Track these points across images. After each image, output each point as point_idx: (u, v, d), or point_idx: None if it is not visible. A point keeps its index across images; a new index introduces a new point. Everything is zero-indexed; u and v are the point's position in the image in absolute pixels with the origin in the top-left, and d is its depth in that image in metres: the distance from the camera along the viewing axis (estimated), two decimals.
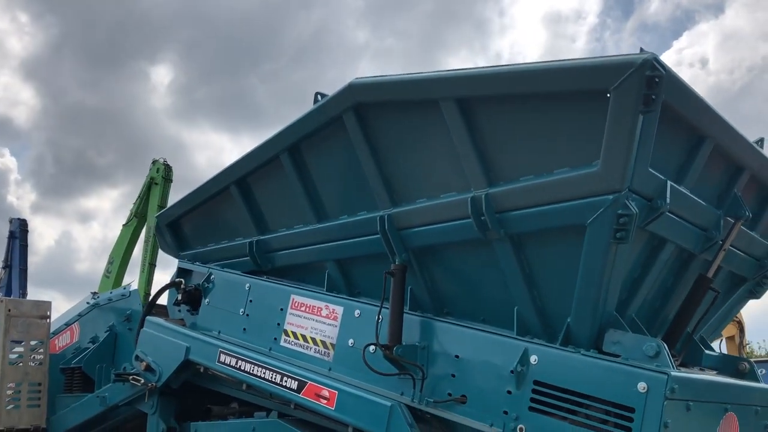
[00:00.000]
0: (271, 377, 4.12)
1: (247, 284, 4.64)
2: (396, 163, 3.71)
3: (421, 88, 3.43)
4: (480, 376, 3.37)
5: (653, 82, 2.64)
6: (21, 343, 5.56)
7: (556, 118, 3.03)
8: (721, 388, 3.35)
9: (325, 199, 4.19)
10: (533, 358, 3.19)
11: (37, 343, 5.60)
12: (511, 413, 3.18)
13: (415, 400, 3.51)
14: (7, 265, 21.92)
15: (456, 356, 3.47)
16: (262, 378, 4.17)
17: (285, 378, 4.04)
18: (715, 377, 3.51)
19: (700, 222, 3.40)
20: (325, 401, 3.81)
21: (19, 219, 22.72)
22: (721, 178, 3.49)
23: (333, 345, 3.99)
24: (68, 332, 6.13)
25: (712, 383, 3.30)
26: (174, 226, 5.49)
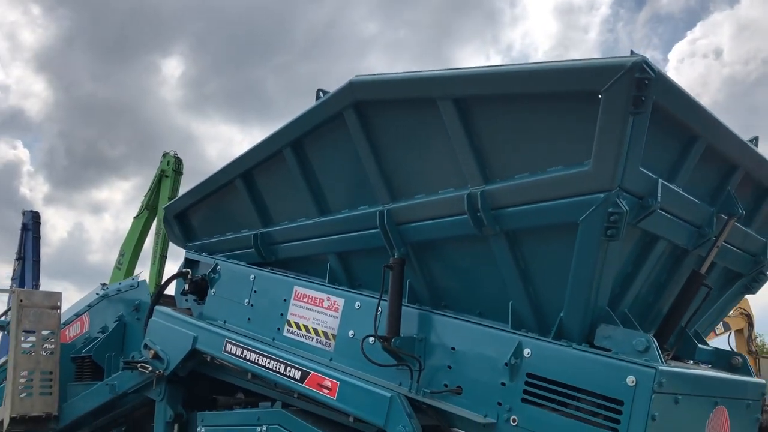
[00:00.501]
0: (276, 367, 4.20)
1: (252, 275, 4.74)
2: (395, 160, 3.78)
3: (419, 87, 3.51)
4: (475, 368, 3.45)
5: (643, 84, 2.70)
6: (33, 332, 5.66)
7: (550, 118, 3.10)
8: (711, 382, 3.42)
9: (327, 193, 4.28)
10: (526, 351, 3.27)
11: (48, 333, 5.71)
12: (505, 404, 3.27)
13: (412, 391, 3.60)
14: (21, 257, 22.09)
15: (452, 348, 3.56)
16: (267, 368, 4.25)
17: (289, 368, 4.13)
18: (705, 371, 3.57)
19: (692, 219, 3.46)
20: (327, 391, 3.89)
21: (32, 211, 22.85)
22: (715, 176, 3.53)
23: (334, 336, 4.08)
24: (78, 322, 6.24)
25: (701, 377, 3.37)
26: (181, 218, 5.59)
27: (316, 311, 4.24)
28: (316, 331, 4.20)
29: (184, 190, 5.99)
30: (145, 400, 5.29)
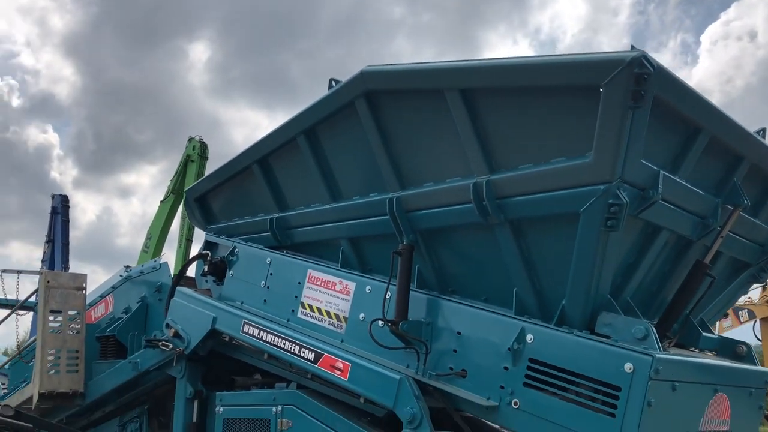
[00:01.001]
0: (291, 348, 4.32)
1: (268, 258, 4.88)
2: (404, 148, 3.87)
3: (427, 78, 3.58)
4: (479, 352, 3.55)
5: (642, 79, 2.75)
6: (60, 313, 5.85)
7: (553, 110, 3.16)
8: (710, 369, 3.48)
9: (339, 180, 4.38)
10: (529, 337, 3.36)
11: (74, 313, 5.90)
12: (507, 388, 3.37)
13: (419, 373, 3.71)
14: (50, 240, 22.60)
15: (458, 333, 3.66)
16: (283, 349, 4.37)
17: (303, 349, 4.25)
18: (704, 359, 3.63)
19: (696, 210, 3.50)
20: (339, 372, 4.01)
21: (61, 195, 23.27)
22: (720, 168, 3.56)
23: (345, 318, 4.21)
24: (103, 304, 6.42)
25: (700, 365, 3.43)
26: (201, 201, 5.74)
27: (329, 294, 4.37)
28: (328, 313, 4.33)
29: None
30: (166, 377, 5.45)
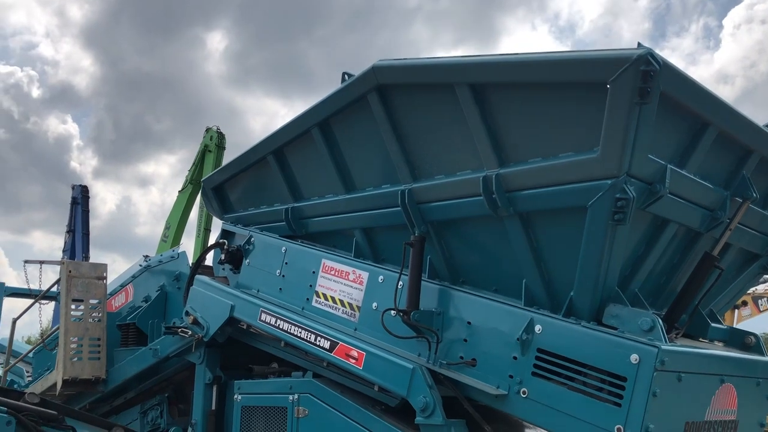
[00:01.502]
0: (307, 337, 4.42)
1: (283, 247, 4.97)
2: (416, 141, 3.93)
3: (438, 73, 3.63)
4: (489, 341, 3.62)
5: (648, 76, 2.79)
6: (81, 301, 6.00)
7: (561, 106, 3.20)
8: (716, 360, 3.52)
9: (353, 171, 4.45)
10: (538, 328, 3.42)
11: (96, 302, 6.05)
12: (516, 377, 3.44)
13: (430, 362, 3.80)
14: (71, 230, 22.91)
15: (468, 322, 3.73)
16: (299, 337, 4.47)
17: (319, 338, 4.34)
18: (711, 350, 3.67)
19: (705, 203, 3.53)
20: (353, 361, 4.09)
21: (81, 185, 23.50)
22: (729, 161, 3.59)
23: (359, 307, 4.30)
24: (123, 293, 6.56)
25: (706, 355, 3.47)
26: (218, 190, 5.84)
27: (343, 283, 4.46)
28: (342, 302, 4.42)
29: None
30: (185, 364, 5.59)
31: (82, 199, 23.18)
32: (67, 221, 23.23)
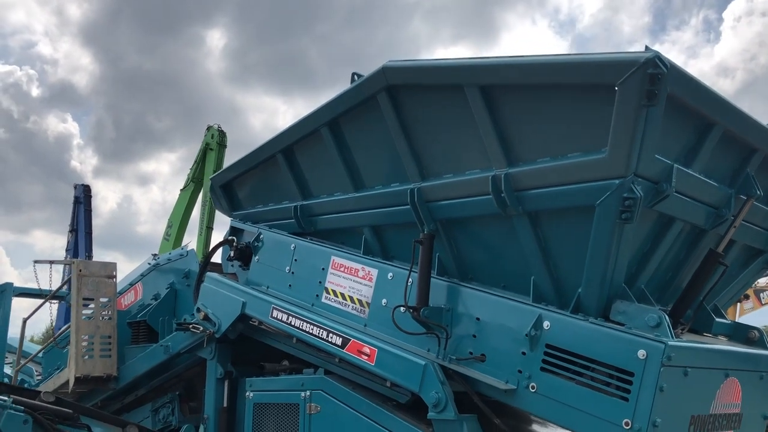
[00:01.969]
0: (318, 333, 4.47)
1: (293, 245, 5.03)
2: (425, 141, 3.99)
3: (447, 74, 3.69)
4: (498, 337, 3.69)
5: (656, 79, 2.85)
6: (92, 300, 6.06)
7: (570, 107, 3.26)
8: (721, 354, 3.60)
9: (362, 170, 4.50)
10: (546, 324, 3.49)
11: (106, 300, 6.10)
12: (525, 372, 3.51)
13: (440, 357, 3.87)
14: (73, 229, 22.96)
15: (477, 319, 3.80)
16: (311, 333, 4.52)
17: (331, 335, 4.39)
18: (715, 345, 3.74)
19: (710, 201, 3.60)
20: (366, 357, 4.15)
21: (83, 185, 23.50)
22: (734, 160, 3.65)
23: (368, 304, 4.36)
24: (132, 291, 6.63)
25: (711, 350, 3.55)
26: (227, 188, 5.89)
27: (352, 280, 4.52)
28: (351, 298, 4.49)
29: (228, 162, 6.25)
30: (196, 360, 5.64)
31: (84, 198, 23.23)
32: (69, 220, 23.31)
